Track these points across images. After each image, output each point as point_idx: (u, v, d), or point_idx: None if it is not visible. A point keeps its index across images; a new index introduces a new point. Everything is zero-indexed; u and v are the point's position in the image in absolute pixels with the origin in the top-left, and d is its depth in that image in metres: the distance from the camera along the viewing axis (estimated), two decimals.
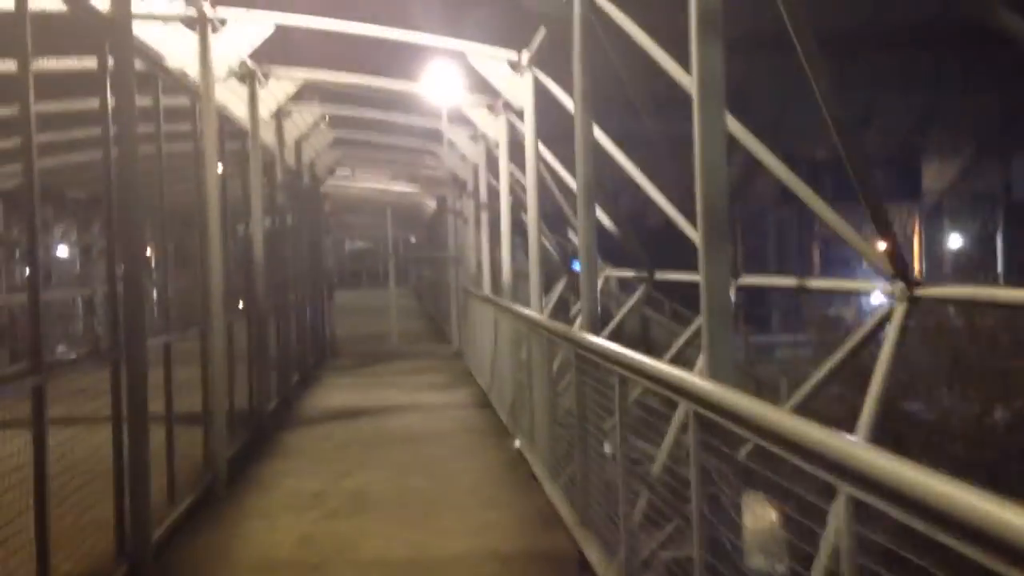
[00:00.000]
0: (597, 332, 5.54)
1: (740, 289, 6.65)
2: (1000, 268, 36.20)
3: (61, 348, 14.39)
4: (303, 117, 12.12)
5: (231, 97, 9.28)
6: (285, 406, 11.35)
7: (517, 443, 8.19)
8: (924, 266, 38.72)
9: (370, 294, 30.32)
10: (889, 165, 35.82)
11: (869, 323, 5.51)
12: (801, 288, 6.86)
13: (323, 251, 17.33)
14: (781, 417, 2.50)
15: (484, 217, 13.30)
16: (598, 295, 5.73)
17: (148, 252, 7.97)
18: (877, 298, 5.62)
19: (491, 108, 11.02)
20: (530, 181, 8.82)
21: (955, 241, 38.77)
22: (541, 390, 7.15)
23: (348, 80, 10.40)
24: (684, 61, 4.77)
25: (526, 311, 7.74)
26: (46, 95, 4.97)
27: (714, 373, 3.88)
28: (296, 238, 14.17)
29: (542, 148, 9.31)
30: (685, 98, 4.56)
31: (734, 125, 7.95)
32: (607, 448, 5.04)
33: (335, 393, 12.81)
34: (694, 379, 3.13)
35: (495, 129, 10.93)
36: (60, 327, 16.10)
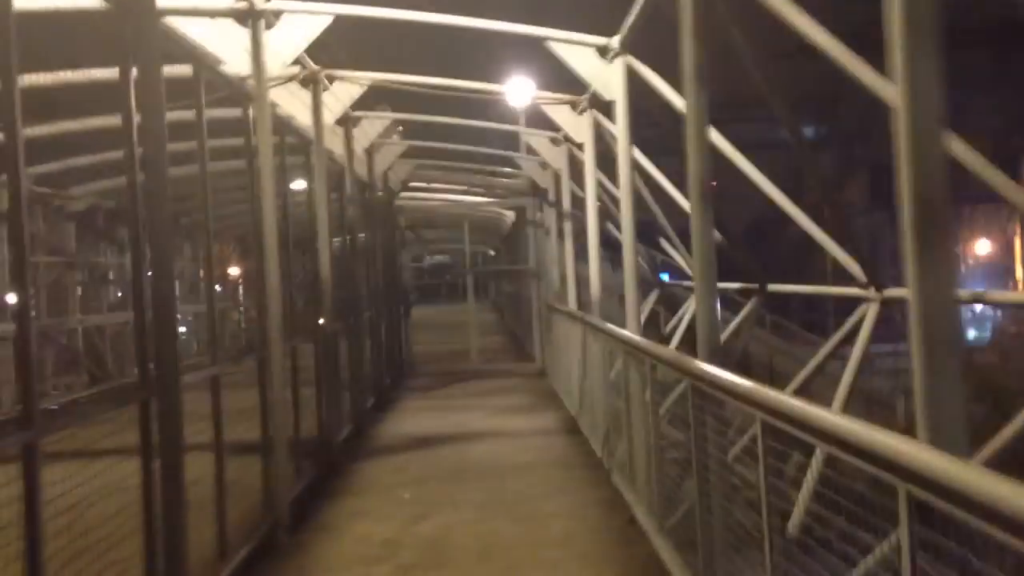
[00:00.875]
0: (717, 361, 4.54)
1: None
2: None
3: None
4: (373, 125, 11.42)
5: (292, 101, 8.60)
6: (358, 433, 10.60)
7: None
8: None
9: (448, 309, 29.67)
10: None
11: (848, 323, 6.54)
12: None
13: (398, 267, 16.65)
14: None
15: (568, 227, 12.37)
16: (719, 316, 4.73)
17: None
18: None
19: (575, 105, 10.00)
20: (624, 183, 7.81)
21: None
22: (642, 422, 6.18)
23: (419, 81, 9.63)
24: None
25: (623, 332, 6.76)
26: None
27: (936, 435, 2.82)
28: (369, 254, 13.50)
29: (635, 150, 8.35)
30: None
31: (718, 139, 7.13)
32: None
33: (411, 417, 12.02)
34: (914, 449, 2.13)
35: (579, 130, 9.96)
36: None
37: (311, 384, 8.76)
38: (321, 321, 8.83)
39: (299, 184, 9.56)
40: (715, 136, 6.76)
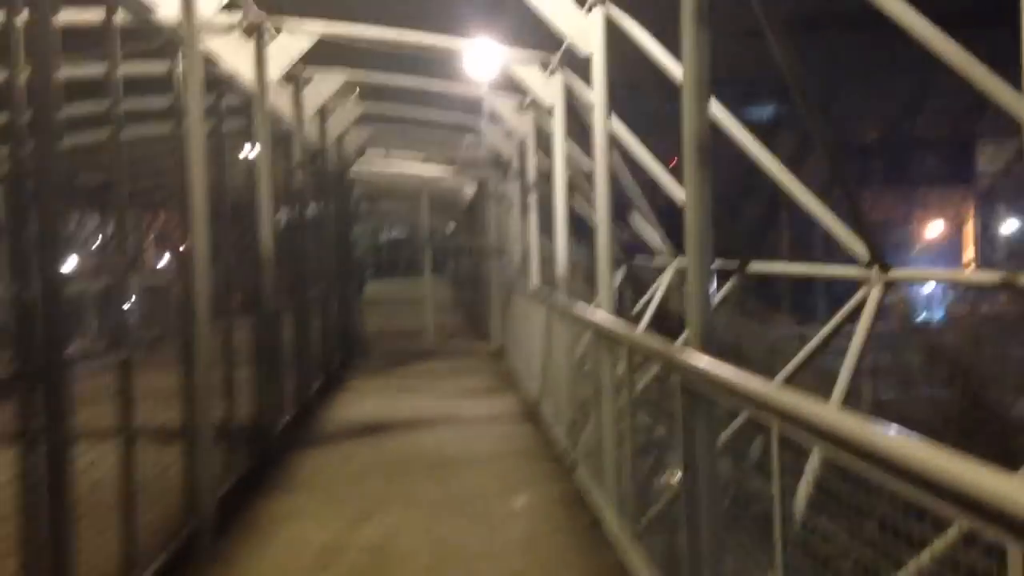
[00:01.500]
0: (711, 350, 3.88)
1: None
2: None
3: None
4: (326, 84, 10.56)
5: (234, 56, 7.73)
6: (302, 418, 9.84)
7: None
8: (979, 252, 36.90)
9: (407, 284, 28.77)
10: (943, 148, 34.18)
11: (849, 304, 5.97)
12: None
13: (351, 241, 15.82)
14: None
15: (533, 200, 11.65)
16: (710, 299, 4.04)
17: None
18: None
19: (545, 65, 9.25)
20: (600, 152, 7.03)
21: (1011, 226, 36.42)
22: (613, 415, 5.53)
23: (375, 36, 8.77)
24: None
25: (597, 315, 6.08)
26: None
27: None
28: (320, 226, 12.67)
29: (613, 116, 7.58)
30: None
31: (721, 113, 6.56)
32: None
33: (361, 401, 11.28)
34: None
35: (550, 93, 9.17)
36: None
37: (251, 366, 8.00)
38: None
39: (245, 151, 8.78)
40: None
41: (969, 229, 37.89)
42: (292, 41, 8.38)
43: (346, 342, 14.96)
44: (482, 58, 9.71)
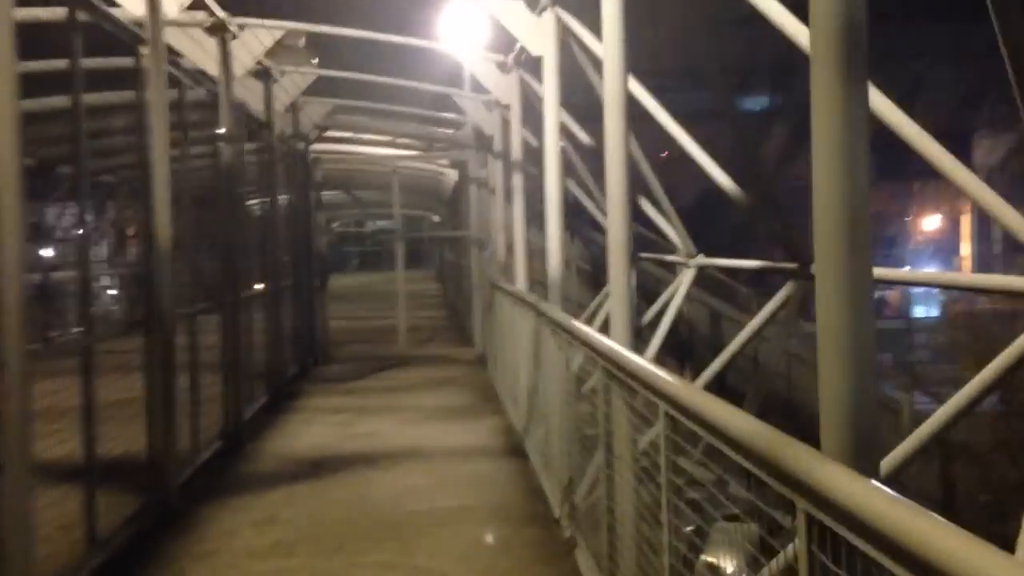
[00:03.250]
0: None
1: None
2: None
3: None
4: (263, 36, 8.55)
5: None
6: (229, 454, 7.89)
7: None
8: (975, 248, 35.80)
9: (388, 277, 26.77)
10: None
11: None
12: None
13: (313, 231, 13.81)
14: None
15: (519, 183, 9.66)
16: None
17: None
18: None
19: (503, 66, 9.14)
20: (550, 147, 5.57)
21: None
22: (639, 501, 3.60)
23: (340, 32, 7.26)
24: None
25: (607, 342, 4.09)
26: None
27: None
28: (268, 215, 10.70)
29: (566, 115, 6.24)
30: None
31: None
32: None
33: (310, 425, 9.30)
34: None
35: (508, 91, 8.08)
36: None
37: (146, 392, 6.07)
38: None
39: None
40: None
41: (965, 224, 36.81)
42: (257, 40, 6.59)
43: (304, 348, 12.99)
44: (464, 10, 8.49)
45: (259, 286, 10.37)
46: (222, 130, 7.98)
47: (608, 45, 4.82)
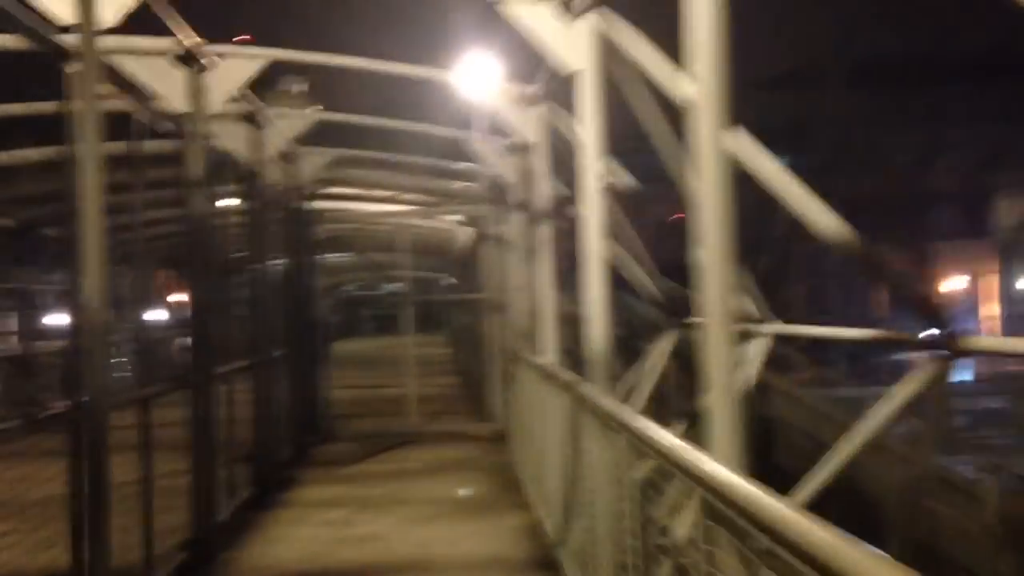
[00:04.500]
0: None
1: None
2: None
3: None
4: (247, 66, 7.32)
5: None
6: (198, 565, 6.45)
7: None
8: (1005, 310, 34.75)
9: (402, 342, 25.34)
10: (959, 201, 32.64)
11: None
12: None
13: (311, 295, 12.50)
14: None
15: (546, 236, 8.29)
16: None
17: None
18: None
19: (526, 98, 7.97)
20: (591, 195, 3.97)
21: None
22: None
23: (332, 61, 6.08)
24: None
25: (704, 461, 2.69)
26: None
27: None
28: (259, 275, 9.41)
29: None
30: None
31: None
32: None
33: (299, 527, 7.81)
34: None
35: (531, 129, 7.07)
36: None
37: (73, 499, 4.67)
38: None
39: None
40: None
41: (988, 284, 36.01)
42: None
43: (302, 426, 11.57)
44: (462, 85, 7.48)
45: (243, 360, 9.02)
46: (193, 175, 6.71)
47: (702, 78, 3.60)
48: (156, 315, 19.29)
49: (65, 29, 4.54)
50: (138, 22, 5.62)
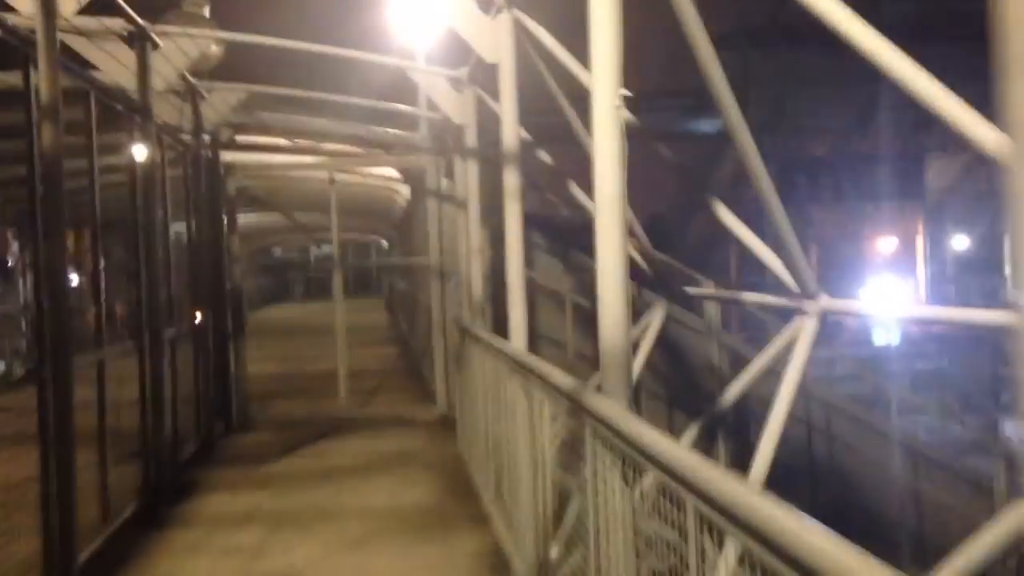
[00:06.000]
0: None
1: None
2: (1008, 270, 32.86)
3: None
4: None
5: None
6: None
7: None
8: (929, 270, 35.17)
9: (332, 309, 23.48)
10: (892, 163, 32.89)
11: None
12: None
13: (226, 259, 10.63)
14: None
15: (514, 185, 6.60)
16: None
17: None
18: None
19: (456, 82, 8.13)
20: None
21: (961, 242, 35.41)
22: None
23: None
24: None
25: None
26: None
27: None
28: (147, 232, 7.57)
29: None
30: None
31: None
32: None
33: (195, 558, 6.09)
34: None
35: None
36: None
37: None
38: None
39: None
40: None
41: (919, 245, 36.39)
42: None
43: (211, 413, 9.79)
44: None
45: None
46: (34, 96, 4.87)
47: (598, 62, 4.01)
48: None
49: None
50: None
